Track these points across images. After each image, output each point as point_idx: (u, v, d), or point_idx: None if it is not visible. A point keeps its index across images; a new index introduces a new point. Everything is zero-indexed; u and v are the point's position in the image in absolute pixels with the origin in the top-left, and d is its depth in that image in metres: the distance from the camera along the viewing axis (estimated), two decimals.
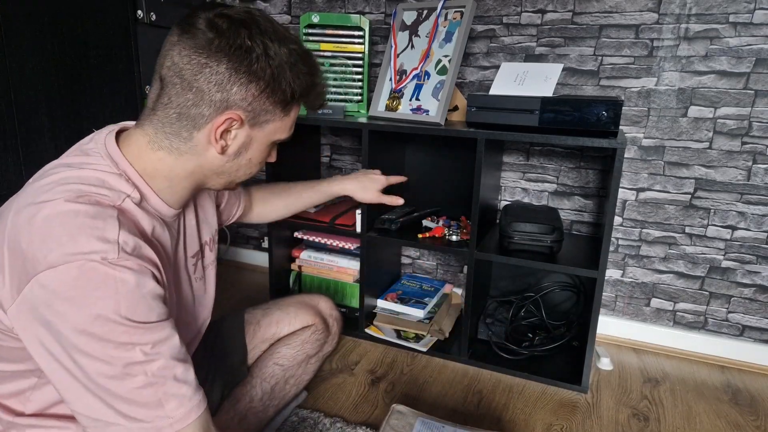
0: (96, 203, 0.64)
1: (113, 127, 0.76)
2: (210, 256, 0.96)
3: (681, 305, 1.61)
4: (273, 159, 0.85)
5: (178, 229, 0.84)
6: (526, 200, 1.71)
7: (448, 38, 1.45)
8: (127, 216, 0.68)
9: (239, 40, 0.67)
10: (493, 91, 1.43)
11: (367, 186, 1.34)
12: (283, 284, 1.78)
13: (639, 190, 1.58)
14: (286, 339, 1.13)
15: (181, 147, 0.72)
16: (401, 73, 1.53)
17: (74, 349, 0.60)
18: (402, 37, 1.55)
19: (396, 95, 1.53)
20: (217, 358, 1.08)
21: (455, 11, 1.45)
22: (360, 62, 1.62)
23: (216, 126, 0.70)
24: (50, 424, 0.73)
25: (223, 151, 0.73)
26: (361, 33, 1.60)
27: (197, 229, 0.93)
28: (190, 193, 0.79)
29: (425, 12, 1.51)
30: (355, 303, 1.72)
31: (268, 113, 0.73)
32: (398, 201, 1.37)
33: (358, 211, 1.54)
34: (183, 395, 0.65)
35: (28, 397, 0.72)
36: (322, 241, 1.75)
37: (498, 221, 1.72)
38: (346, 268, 1.71)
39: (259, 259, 2.19)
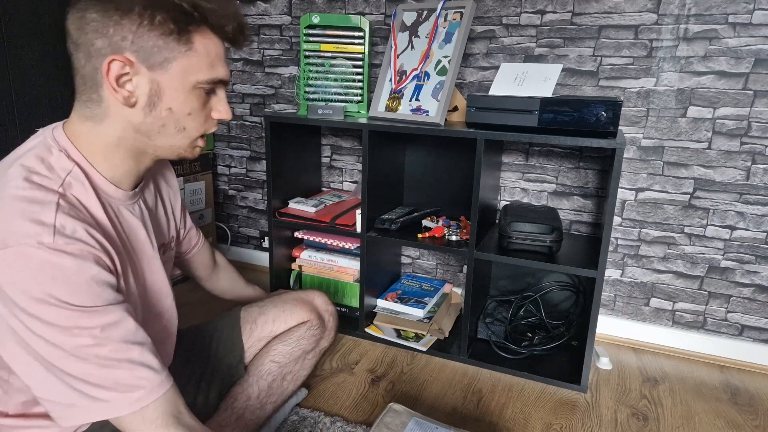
0: (39, 187, 0.65)
1: (62, 121, 0.77)
2: (169, 255, 0.97)
3: (680, 305, 1.61)
4: (222, 114, 0.77)
5: (141, 215, 0.82)
6: (525, 200, 1.71)
7: (447, 39, 1.45)
8: (70, 200, 0.67)
9: None
10: (492, 92, 1.43)
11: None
12: (284, 284, 1.78)
13: (638, 190, 1.58)
14: (282, 336, 1.13)
15: (98, 111, 0.71)
16: (401, 73, 1.53)
17: (26, 332, 0.61)
18: (402, 38, 1.55)
19: (396, 96, 1.53)
20: (213, 358, 1.08)
21: (455, 12, 1.45)
22: (360, 63, 1.62)
23: (105, 74, 0.67)
24: (35, 424, 0.74)
25: (129, 102, 0.69)
26: (361, 34, 1.60)
27: (166, 221, 0.94)
28: (134, 166, 0.77)
29: (425, 13, 1.51)
30: (355, 303, 1.72)
31: (162, 50, 0.67)
32: None
33: (358, 211, 1.54)
34: (140, 377, 0.66)
35: (6, 391, 0.72)
36: (323, 241, 1.75)
37: (497, 221, 1.72)
38: (346, 268, 1.71)
39: (260, 258, 2.20)
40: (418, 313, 1.64)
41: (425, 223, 1.62)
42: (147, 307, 0.83)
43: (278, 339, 1.13)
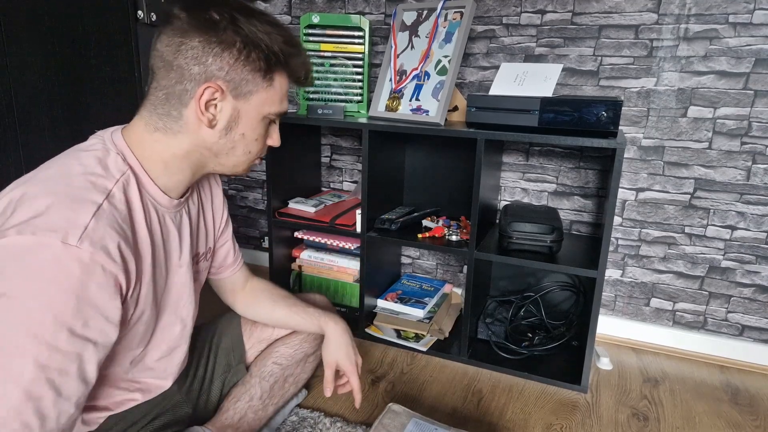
0: (91, 185, 0.67)
1: (119, 126, 0.80)
2: (200, 268, 0.97)
3: (680, 305, 1.61)
4: (275, 142, 0.85)
5: (180, 224, 0.84)
6: (525, 200, 1.71)
7: (447, 38, 1.45)
8: (115, 201, 0.69)
9: (207, 15, 0.71)
10: (492, 92, 1.43)
11: (338, 352, 1.06)
12: (284, 284, 1.78)
13: (638, 190, 1.58)
14: (284, 338, 1.14)
15: (174, 126, 0.75)
16: (401, 73, 1.53)
17: None
18: (402, 38, 1.55)
19: (396, 95, 1.53)
20: (215, 358, 1.08)
21: (455, 11, 1.45)
22: (360, 62, 1.62)
23: (198, 97, 0.72)
24: None
25: (211, 124, 0.75)
26: (361, 33, 1.60)
27: (205, 232, 0.95)
28: (189, 177, 0.81)
29: (425, 12, 1.51)
30: (355, 303, 1.72)
31: (249, 83, 0.75)
32: (327, 393, 1.06)
33: (358, 211, 1.54)
34: (32, 425, 0.59)
35: None
36: (323, 241, 1.75)
37: (498, 221, 1.72)
38: (346, 268, 1.71)
39: (260, 258, 2.19)
40: (418, 313, 1.64)
41: (425, 223, 1.62)
42: (161, 313, 0.83)
43: (281, 341, 1.13)
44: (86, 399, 0.67)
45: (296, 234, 1.79)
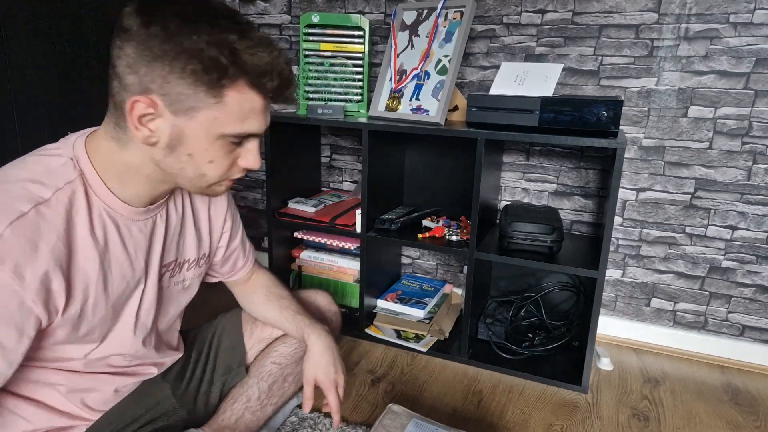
0: (23, 192, 0.66)
1: (92, 129, 0.77)
2: (185, 276, 0.92)
3: (681, 305, 1.61)
4: (250, 164, 0.75)
5: (152, 232, 0.81)
6: (526, 200, 1.71)
7: (448, 38, 1.45)
8: (44, 213, 0.66)
9: (146, 18, 0.64)
10: (493, 91, 1.43)
11: (316, 368, 1.00)
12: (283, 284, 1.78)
13: (639, 190, 1.58)
14: (283, 337, 1.12)
15: (123, 137, 0.71)
16: (401, 73, 1.53)
17: None
18: (402, 37, 1.55)
19: (396, 95, 1.52)
20: (214, 359, 1.07)
21: (455, 11, 1.45)
22: (360, 62, 1.62)
23: (129, 110, 0.66)
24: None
25: (148, 141, 0.68)
26: (361, 33, 1.60)
27: (196, 237, 0.92)
28: (149, 190, 0.76)
29: (425, 12, 1.51)
30: (355, 303, 1.72)
31: (190, 98, 0.66)
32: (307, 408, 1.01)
33: (358, 211, 1.54)
34: None
35: None
36: (322, 241, 1.75)
37: (498, 221, 1.71)
38: (346, 268, 1.71)
39: (259, 259, 2.19)
40: (419, 313, 1.64)
41: (425, 223, 1.62)
42: (117, 317, 0.81)
43: (280, 340, 1.12)
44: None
45: (296, 234, 1.79)
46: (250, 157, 0.74)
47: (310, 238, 1.77)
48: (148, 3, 0.66)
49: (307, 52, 1.63)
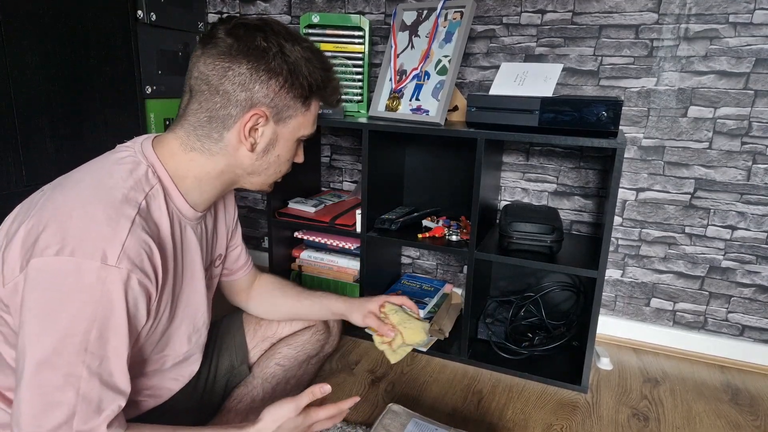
0: (123, 199, 0.68)
1: (149, 135, 0.80)
2: (214, 273, 0.98)
3: (681, 305, 1.61)
4: (300, 159, 0.88)
5: (201, 234, 0.86)
6: (526, 200, 1.71)
7: (448, 38, 1.45)
8: (146, 215, 0.70)
9: (256, 42, 0.73)
10: (493, 91, 1.43)
11: (357, 307, 1.09)
12: None
13: (639, 190, 1.58)
14: (287, 339, 1.13)
15: (213, 147, 0.77)
16: (401, 73, 1.53)
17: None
18: (402, 37, 1.55)
19: (396, 95, 1.53)
20: (218, 358, 1.08)
21: (455, 11, 1.45)
22: (360, 62, 1.62)
23: (244, 124, 0.74)
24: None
25: (252, 148, 0.77)
26: (361, 33, 1.60)
27: (217, 239, 0.96)
28: (219, 193, 0.83)
29: (425, 12, 1.51)
30: None
31: (290, 108, 0.77)
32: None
33: (358, 211, 1.54)
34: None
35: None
36: (322, 241, 1.75)
37: (498, 221, 1.72)
38: (346, 268, 1.71)
39: (260, 258, 2.19)
40: None
41: (425, 223, 1.62)
42: (177, 322, 0.84)
43: (284, 342, 1.13)
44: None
45: (296, 234, 1.79)
46: (301, 153, 0.88)
47: (310, 238, 1.77)
48: (249, 25, 0.74)
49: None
